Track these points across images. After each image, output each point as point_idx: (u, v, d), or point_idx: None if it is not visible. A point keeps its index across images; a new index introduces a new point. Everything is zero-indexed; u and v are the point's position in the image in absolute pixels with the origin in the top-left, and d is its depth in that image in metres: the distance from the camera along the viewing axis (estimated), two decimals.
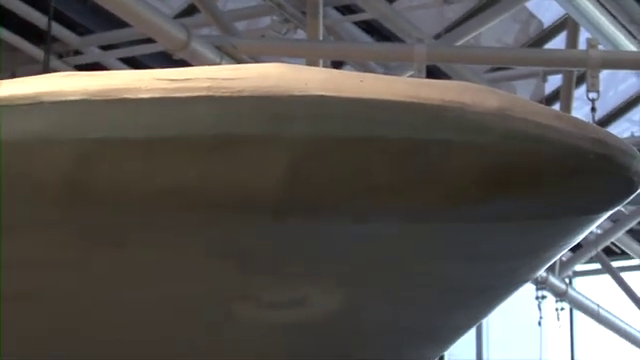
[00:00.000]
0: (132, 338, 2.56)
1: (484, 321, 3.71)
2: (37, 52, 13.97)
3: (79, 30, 14.79)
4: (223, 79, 2.13)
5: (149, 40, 13.47)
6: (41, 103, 2.10)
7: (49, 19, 12.76)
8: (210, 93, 2.11)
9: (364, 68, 13.30)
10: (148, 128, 2.10)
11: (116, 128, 2.10)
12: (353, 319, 2.55)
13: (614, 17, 13.34)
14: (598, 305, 18.48)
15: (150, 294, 2.41)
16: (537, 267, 2.58)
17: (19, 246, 2.24)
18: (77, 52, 14.97)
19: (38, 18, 13.54)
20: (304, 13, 13.16)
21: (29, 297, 2.38)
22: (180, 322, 2.51)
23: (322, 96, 2.13)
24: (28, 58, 14.07)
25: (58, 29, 14.11)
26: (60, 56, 14.64)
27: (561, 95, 15.03)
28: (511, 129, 2.17)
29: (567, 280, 17.34)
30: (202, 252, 2.29)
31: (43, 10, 13.22)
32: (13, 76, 2.18)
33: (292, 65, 2.21)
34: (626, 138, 14.74)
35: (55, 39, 14.17)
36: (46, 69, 11.57)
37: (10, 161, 2.09)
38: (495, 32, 15.46)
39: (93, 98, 2.10)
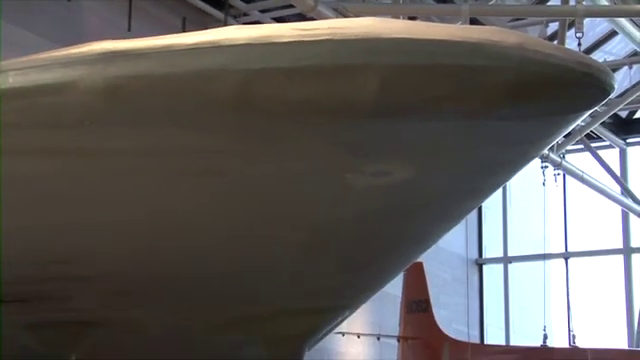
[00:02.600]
0: (276, 198, 2.57)
1: (508, 182, 3.68)
2: (220, 15, 14.06)
3: None
4: (338, 28, 2.12)
5: (291, 5, 13.52)
6: (220, 46, 2.10)
7: None
8: (330, 37, 2.09)
9: (429, 20, 13.19)
10: (289, 61, 2.09)
11: (268, 61, 2.09)
12: (423, 183, 2.54)
13: None
14: (582, 171, 18.37)
15: (290, 170, 2.42)
16: (542, 148, 2.54)
17: (206, 139, 2.25)
18: (245, 14, 15.01)
19: None
20: None
21: (213, 172, 2.40)
22: (309, 188, 2.52)
23: (401, 38, 2.12)
24: (214, 19, 14.14)
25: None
26: (234, 17, 14.69)
27: (558, 35, 14.97)
28: (526, 57, 2.15)
29: (561, 155, 17.21)
30: (325, 141, 2.29)
31: None
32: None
33: (382, 18, 2.20)
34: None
35: (230, 6, 14.23)
36: (225, 26, 11.67)
37: (201, 83, 2.10)
38: None
39: (253, 42, 2.09)
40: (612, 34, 17.39)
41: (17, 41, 11.76)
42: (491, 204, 20.85)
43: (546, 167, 16.56)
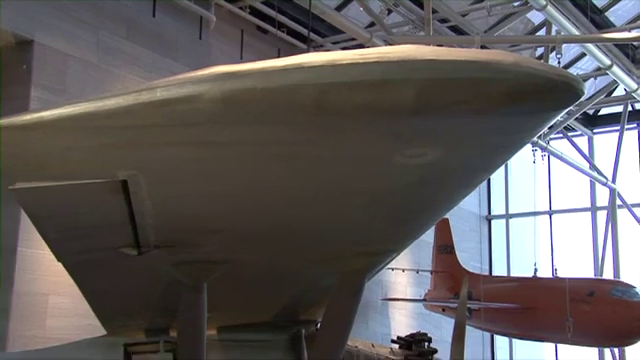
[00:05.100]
0: (344, 173, 2.53)
1: (509, 161, 3.61)
2: (304, 46, 14.04)
3: (322, 35, 14.75)
4: (385, 52, 2.06)
5: (353, 39, 13.43)
6: (302, 67, 2.06)
7: (308, 31, 12.75)
8: (378, 59, 2.05)
9: (450, 46, 13.02)
10: (351, 77, 2.03)
11: (336, 77, 2.04)
12: (448, 162, 2.48)
13: (569, 19, 12.98)
14: (561, 152, 18.06)
15: (352, 153, 2.37)
16: (532, 136, 2.46)
17: (294, 133, 2.22)
18: (321, 46, 14.94)
19: (305, 30, 13.58)
20: (423, 23, 13.06)
21: (300, 157, 2.37)
22: (367, 166, 2.48)
23: (431, 59, 2.06)
24: (300, 49, 14.13)
25: (313, 36, 14.13)
26: (314, 47, 14.64)
27: (543, 56, 14.77)
28: (521, 71, 2.07)
29: (547, 141, 16.91)
30: (378, 133, 2.24)
31: (306, 26, 13.27)
32: None
33: (417, 45, 2.14)
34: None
35: (311, 40, 14.18)
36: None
37: (289, 93, 2.06)
38: (512, 29, 15.06)
39: (326, 64, 2.05)
40: (582, 55, 17.08)
41: (166, 67, 12.03)
42: (497, 176, 20.61)
43: (535, 150, 16.30)
